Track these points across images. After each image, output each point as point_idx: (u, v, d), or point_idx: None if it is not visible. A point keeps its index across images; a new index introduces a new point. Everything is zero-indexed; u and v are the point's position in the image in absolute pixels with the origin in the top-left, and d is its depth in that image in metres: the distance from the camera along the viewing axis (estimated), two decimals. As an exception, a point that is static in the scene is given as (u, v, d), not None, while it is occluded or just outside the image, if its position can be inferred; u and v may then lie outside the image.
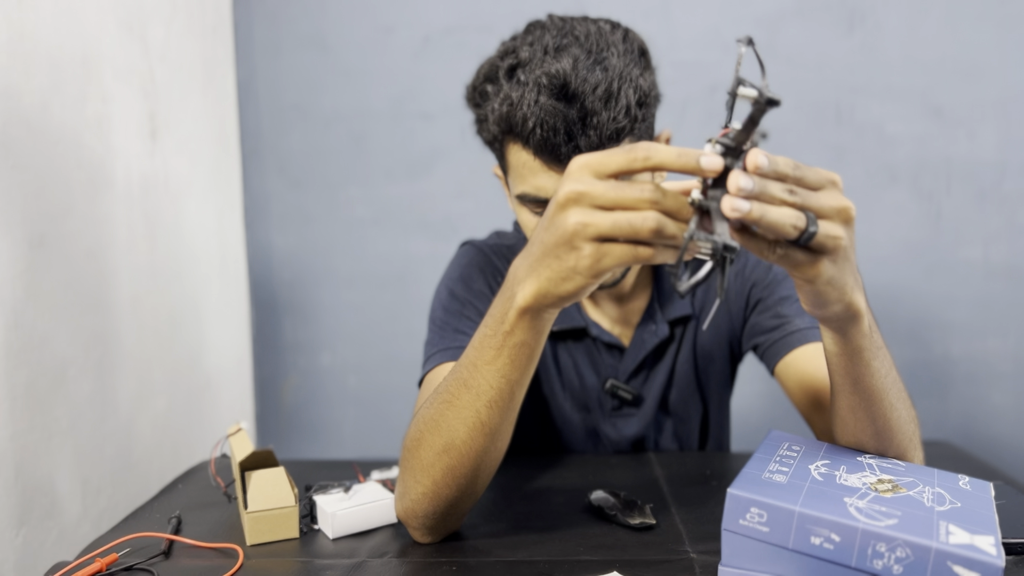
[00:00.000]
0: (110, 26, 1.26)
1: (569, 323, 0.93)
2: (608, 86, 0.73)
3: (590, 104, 0.73)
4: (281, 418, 1.88)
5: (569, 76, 0.73)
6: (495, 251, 0.97)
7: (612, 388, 0.95)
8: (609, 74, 0.74)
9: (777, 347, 0.88)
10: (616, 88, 0.74)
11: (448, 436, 0.65)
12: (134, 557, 0.69)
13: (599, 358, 0.96)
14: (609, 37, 0.77)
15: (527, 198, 0.79)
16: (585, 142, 0.74)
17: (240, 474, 0.75)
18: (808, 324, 0.87)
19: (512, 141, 0.78)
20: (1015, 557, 0.64)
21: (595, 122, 0.73)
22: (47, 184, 1.08)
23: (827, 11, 1.65)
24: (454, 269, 0.97)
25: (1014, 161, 1.63)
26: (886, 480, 0.61)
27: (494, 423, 0.64)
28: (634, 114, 0.75)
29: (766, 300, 0.93)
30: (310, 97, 1.78)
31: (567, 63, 0.73)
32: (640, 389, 0.97)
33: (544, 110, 0.73)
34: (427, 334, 0.92)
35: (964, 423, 1.71)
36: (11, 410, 1.00)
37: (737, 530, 0.57)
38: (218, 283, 1.69)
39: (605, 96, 0.73)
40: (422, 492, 0.68)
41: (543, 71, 0.73)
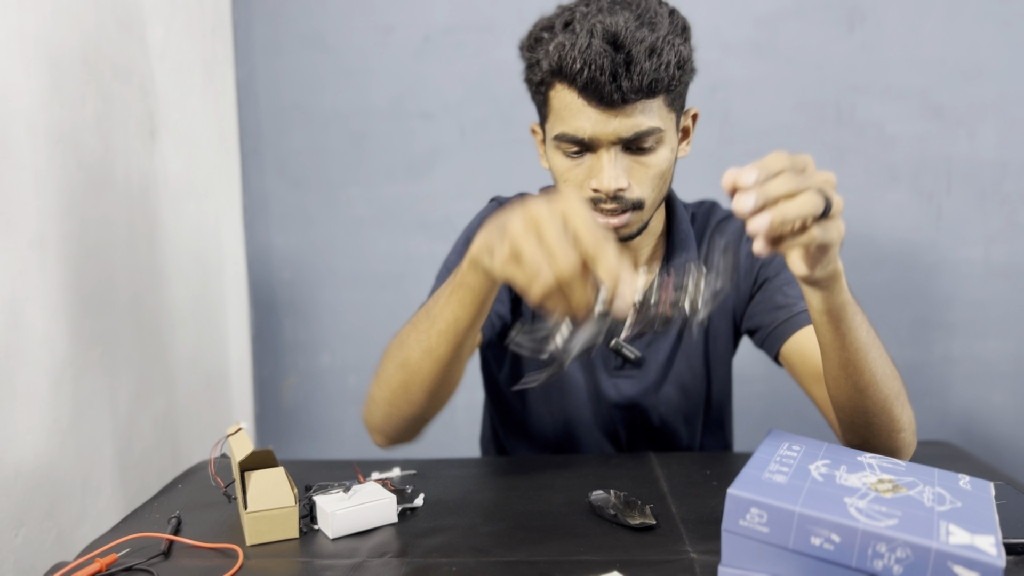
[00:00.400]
0: (110, 26, 1.26)
1: None
2: (653, 42, 0.81)
3: (636, 53, 0.80)
4: (281, 418, 1.88)
5: (620, 28, 0.80)
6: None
7: (616, 346, 0.99)
8: (655, 34, 0.81)
9: (784, 327, 0.93)
10: (660, 47, 0.81)
11: (405, 354, 0.79)
12: (134, 557, 0.69)
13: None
14: (657, 8, 0.85)
15: (564, 137, 0.85)
16: (628, 84, 0.80)
17: (240, 474, 0.75)
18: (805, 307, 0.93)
19: (559, 82, 0.84)
20: (1015, 557, 0.64)
21: (638, 69, 0.80)
22: (47, 184, 1.08)
23: (827, 11, 1.65)
24: (475, 220, 1.05)
25: (1014, 161, 1.63)
26: (886, 480, 0.60)
27: (441, 351, 0.76)
28: (673, 73, 0.82)
29: (772, 280, 0.97)
30: (310, 97, 1.78)
31: (620, 19, 0.81)
32: (644, 351, 1.00)
33: (595, 51, 0.79)
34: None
35: (964, 423, 1.71)
36: (11, 410, 1.00)
37: (737, 530, 0.57)
38: (218, 283, 1.69)
39: (649, 50, 0.80)
40: (380, 399, 0.82)
41: (597, 21, 0.81)
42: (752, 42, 1.68)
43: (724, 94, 1.69)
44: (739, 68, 1.68)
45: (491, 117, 1.74)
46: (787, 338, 0.93)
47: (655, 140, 0.85)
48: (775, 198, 0.58)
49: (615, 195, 0.85)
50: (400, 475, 0.90)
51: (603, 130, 0.83)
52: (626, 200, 0.86)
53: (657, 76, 0.81)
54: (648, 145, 0.85)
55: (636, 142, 0.84)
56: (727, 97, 1.69)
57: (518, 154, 1.75)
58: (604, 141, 0.84)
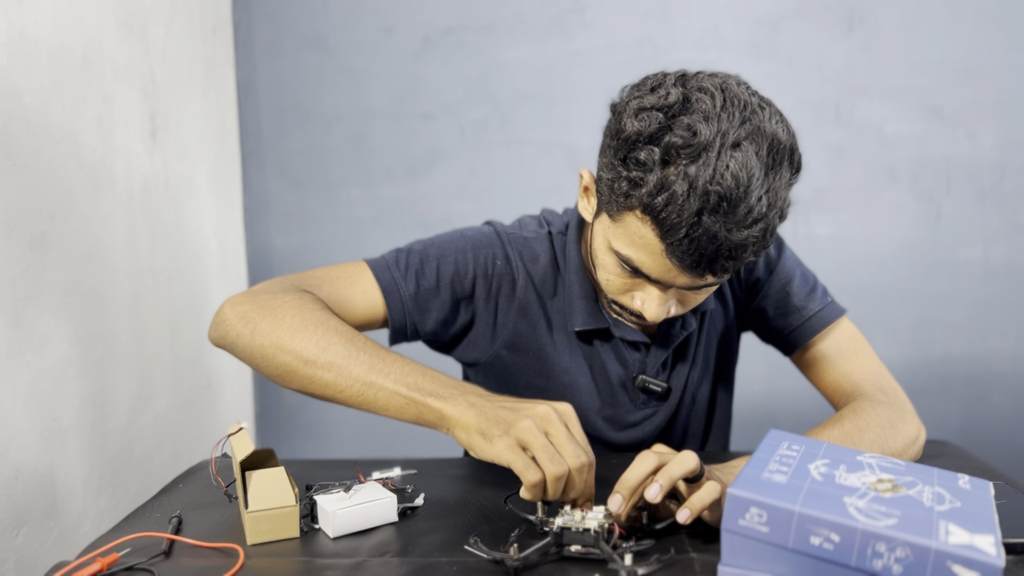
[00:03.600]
0: (110, 26, 1.27)
1: (593, 324, 0.92)
2: (760, 212, 0.71)
3: (737, 218, 0.70)
4: (281, 418, 1.88)
5: (730, 188, 0.69)
6: (510, 239, 0.94)
7: (643, 384, 0.95)
8: (765, 191, 0.71)
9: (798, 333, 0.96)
10: (763, 213, 0.71)
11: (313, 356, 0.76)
12: (135, 557, 0.69)
13: (625, 354, 0.95)
14: (780, 136, 0.74)
15: (628, 261, 0.78)
16: (716, 268, 0.73)
17: (241, 474, 0.75)
18: (817, 306, 0.95)
19: (646, 220, 0.73)
20: (1015, 557, 0.64)
21: (739, 255, 0.72)
22: (47, 184, 1.08)
23: (827, 11, 1.65)
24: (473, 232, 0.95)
25: (1014, 161, 1.63)
26: (886, 480, 0.60)
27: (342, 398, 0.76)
28: (768, 241, 0.74)
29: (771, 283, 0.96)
30: (310, 97, 1.78)
31: (739, 174, 0.69)
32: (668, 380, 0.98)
33: (703, 230, 0.70)
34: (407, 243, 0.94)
35: (964, 423, 1.71)
36: (11, 410, 1.00)
37: (737, 530, 0.57)
38: (218, 283, 1.69)
39: (754, 220, 0.71)
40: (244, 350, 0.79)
41: (716, 181, 0.69)
42: (752, 42, 1.68)
43: (724, 94, 1.69)
44: (739, 68, 1.68)
45: (491, 117, 1.74)
46: (800, 344, 0.96)
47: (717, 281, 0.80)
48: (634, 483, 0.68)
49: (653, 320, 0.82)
50: (401, 475, 0.90)
51: (674, 279, 0.76)
52: (669, 317, 0.85)
53: (754, 250, 0.73)
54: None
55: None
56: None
57: (517, 154, 1.75)
58: (673, 286, 0.78)
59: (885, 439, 0.82)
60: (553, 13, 1.71)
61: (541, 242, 0.94)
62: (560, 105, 1.73)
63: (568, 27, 1.71)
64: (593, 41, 1.71)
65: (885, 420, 0.84)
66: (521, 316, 0.93)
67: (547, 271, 0.93)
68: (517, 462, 0.66)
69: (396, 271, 0.90)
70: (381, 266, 0.90)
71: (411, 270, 0.90)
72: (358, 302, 0.88)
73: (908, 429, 0.85)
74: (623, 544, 0.67)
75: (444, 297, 0.91)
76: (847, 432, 0.82)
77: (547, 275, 0.93)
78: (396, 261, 0.90)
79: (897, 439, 0.83)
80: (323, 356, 0.75)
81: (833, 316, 0.95)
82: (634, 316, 0.84)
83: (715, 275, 0.74)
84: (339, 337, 0.76)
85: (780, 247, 0.98)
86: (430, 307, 0.90)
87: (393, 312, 0.89)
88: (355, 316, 0.88)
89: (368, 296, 0.88)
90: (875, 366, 0.93)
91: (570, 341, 0.95)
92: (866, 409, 0.85)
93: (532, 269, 0.93)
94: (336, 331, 0.77)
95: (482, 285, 0.92)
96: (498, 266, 0.92)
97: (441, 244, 0.93)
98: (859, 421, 0.83)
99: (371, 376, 0.74)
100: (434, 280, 0.90)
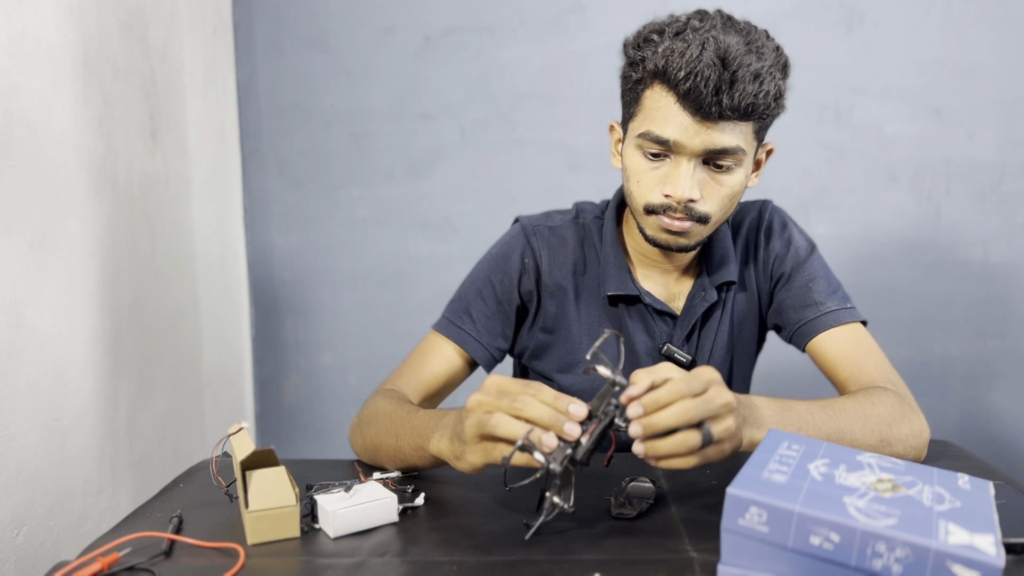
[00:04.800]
0: (111, 27, 1.27)
1: (623, 290, 0.99)
2: (759, 69, 0.83)
3: (741, 74, 0.82)
4: (282, 418, 1.88)
5: (730, 46, 0.82)
6: (536, 231, 1.04)
7: (668, 352, 1.00)
8: (761, 63, 0.84)
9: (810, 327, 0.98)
10: (764, 75, 0.83)
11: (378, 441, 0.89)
12: (135, 557, 0.69)
13: (652, 324, 1.01)
14: (765, 41, 0.87)
15: (649, 135, 0.87)
16: (728, 101, 0.82)
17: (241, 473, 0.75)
18: (837, 306, 0.98)
19: (660, 84, 0.86)
20: (1015, 557, 0.64)
21: (741, 89, 0.82)
22: (47, 184, 1.08)
23: (827, 11, 1.65)
24: (496, 246, 1.06)
25: (1013, 161, 1.63)
26: (885, 479, 0.61)
27: (404, 463, 0.87)
28: (768, 102, 0.84)
29: (793, 278, 1.01)
30: (310, 97, 1.78)
31: (732, 40, 0.83)
32: (693, 353, 1.02)
33: (704, 63, 0.82)
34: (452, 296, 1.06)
35: (964, 423, 1.71)
36: (11, 410, 1.00)
37: (736, 530, 0.57)
38: (218, 283, 1.69)
39: (754, 75, 0.83)
40: (358, 445, 0.94)
41: (711, 36, 0.83)
42: (752, 42, 1.68)
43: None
44: (739, 68, 1.69)
45: (491, 117, 1.74)
46: (812, 337, 0.98)
47: (735, 160, 0.87)
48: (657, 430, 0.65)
49: (685, 205, 0.88)
50: (401, 474, 0.90)
51: (691, 139, 0.85)
52: (694, 212, 0.88)
53: (756, 101, 0.83)
54: (727, 164, 0.87)
55: (716, 158, 0.86)
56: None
57: (518, 154, 1.75)
58: (687, 150, 0.86)
59: (894, 421, 0.84)
60: (553, 13, 1.71)
61: (567, 227, 1.04)
62: (560, 105, 1.73)
63: (568, 27, 1.71)
64: (593, 41, 1.71)
65: (896, 406, 0.86)
66: (549, 297, 1.02)
67: (576, 252, 1.03)
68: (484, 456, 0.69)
69: (457, 320, 1.02)
70: (444, 325, 1.02)
71: (466, 313, 1.02)
72: (439, 368, 1.01)
73: (916, 420, 0.87)
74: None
75: (503, 315, 1.03)
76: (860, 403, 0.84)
77: (576, 256, 1.02)
78: (453, 314, 1.03)
79: (904, 425, 0.84)
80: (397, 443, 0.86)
81: (850, 318, 0.97)
82: (671, 209, 0.89)
83: (729, 116, 0.83)
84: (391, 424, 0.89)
85: (811, 250, 1.02)
86: (496, 329, 1.02)
87: (475, 353, 1.01)
88: (443, 379, 1.01)
89: (447, 357, 1.01)
90: (889, 367, 0.96)
91: (599, 314, 1.02)
92: (880, 393, 0.88)
93: (559, 252, 1.02)
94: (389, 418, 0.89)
95: (523, 287, 1.03)
96: (525, 264, 1.02)
97: (476, 275, 1.04)
98: (873, 398, 0.86)
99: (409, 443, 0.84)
100: (485, 308, 1.02)
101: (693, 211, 0.88)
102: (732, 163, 0.87)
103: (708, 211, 0.89)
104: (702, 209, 0.88)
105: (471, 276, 1.05)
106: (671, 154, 0.87)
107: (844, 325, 0.97)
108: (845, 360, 0.95)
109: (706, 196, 0.88)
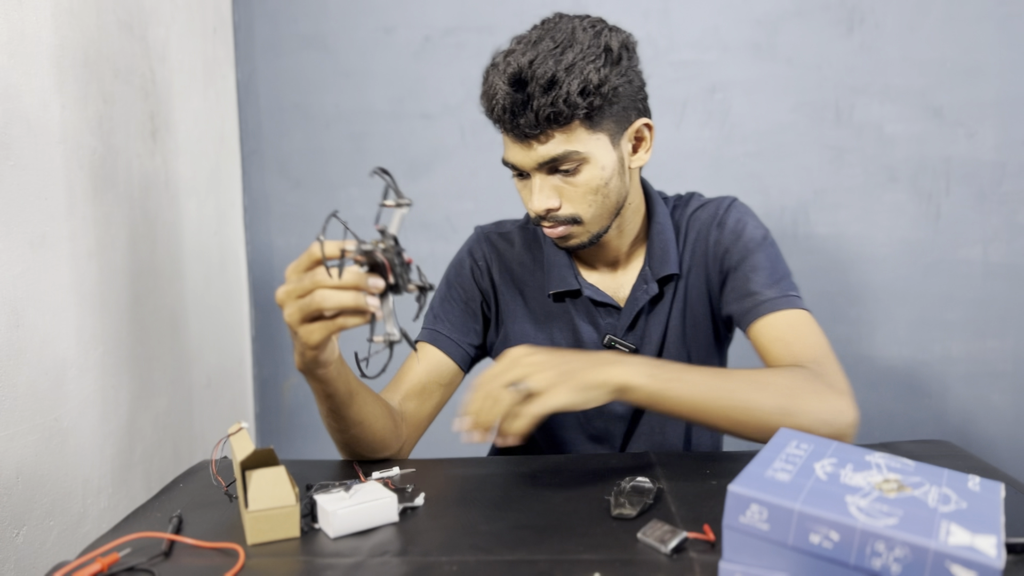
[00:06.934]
0: (111, 27, 1.27)
1: (565, 286, 1.04)
2: (554, 75, 0.85)
3: (532, 90, 0.86)
4: (282, 418, 1.88)
5: (524, 68, 0.86)
6: (487, 237, 1.12)
7: (610, 342, 1.04)
8: (558, 66, 0.86)
9: (749, 315, 0.98)
10: (562, 78, 0.85)
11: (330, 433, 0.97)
12: (135, 557, 0.69)
13: (597, 317, 1.05)
14: (579, 35, 0.88)
15: (506, 164, 0.95)
16: (525, 120, 0.87)
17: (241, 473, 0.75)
18: (776, 294, 0.97)
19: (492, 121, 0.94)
20: (1015, 557, 0.64)
21: (534, 105, 0.86)
22: (47, 184, 1.08)
23: (827, 11, 1.65)
24: (452, 264, 1.12)
25: (1013, 161, 1.63)
26: (892, 480, 0.60)
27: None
28: (574, 101, 0.86)
29: (737, 268, 1.01)
30: (310, 97, 1.78)
31: (528, 57, 0.86)
32: (637, 344, 1.04)
33: (499, 92, 0.88)
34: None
35: (964, 423, 1.71)
36: (11, 410, 1.00)
37: (738, 527, 0.57)
38: (218, 283, 1.69)
39: (547, 85, 0.85)
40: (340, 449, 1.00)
41: (510, 61, 0.88)
42: (752, 43, 1.68)
43: (724, 95, 1.70)
44: (739, 69, 1.69)
45: (491, 117, 1.74)
46: (749, 325, 0.98)
47: (575, 163, 0.90)
48: (472, 412, 0.77)
49: (551, 214, 0.93)
50: (400, 474, 0.90)
51: (523, 159, 0.91)
52: (560, 217, 0.93)
53: (557, 108, 0.86)
54: (569, 168, 0.90)
55: (555, 166, 0.91)
56: (727, 98, 1.69)
57: (518, 154, 1.75)
58: (528, 168, 0.92)
59: (798, 393, 0.82)
60: (553, 13, 1.71)
61: (515, 232, 1.11)
62: (560, 105, 1.73)
63: (568, 27, 1.71)
64: (593, 41, 1.71)
65: (805, 381, 0.83)
66: (502, 297, 1.09)
67: (523, 254, 1.09)
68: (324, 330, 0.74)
69: (429, 325, 1.08)
70: (420, 333, 1.09)
71: (436, 318, 1.08)
72: (417, 369, 1.05)
73: (833, 400, 0.83)
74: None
75: (470, 313, 1.09)
76: (762, 373, 0.84)
77: (523, 258, 1.09)
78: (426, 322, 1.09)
79: (814, 400, 0.82)
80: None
81: (789, 305, 0.96)
82: (542, 220, 0.95)
83: (535, 133, 0.88)
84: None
85: (760, 242, 1.01)
86: (468, 327, 1.08)
87: (448, 350, 1.06)
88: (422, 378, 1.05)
89: (424, 358, 1.05)
90: (822, 352, 0.91)
91: (549, 311, 1.07)
92: (792, 368, 0.86)
93: (507, 255, 1.10)
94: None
95: (481, 286, 1.09)
96: (479, 266, 1.10)
97: (441, 285, 1.12)
98: (780, 370, 0.86)
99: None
100: (453, 308, 1.09)
101: (559, 217, 0.93)
102: (573, 165, 0.90)
103: (573, 212, 0.93)
104: (566, 213, 0.93)
105: (437, 288, 1.12)
106: (528, 174, 0.93)
107: (781, 312, 0.95)
108: (776, 344, 0.94)
109: (566, 199, 0.93)
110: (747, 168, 1.70)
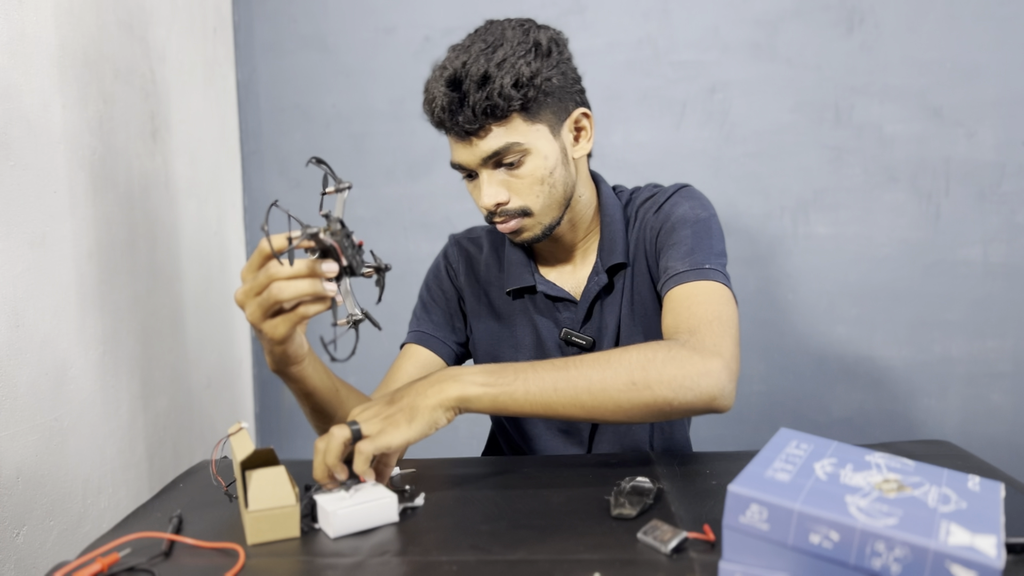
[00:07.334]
0: (111, 27, 1.27)
1: (521, 283, 1.07)
2: (487, 71, 0.89)
3: (466, 88, 0.89)
4: (282, 418, 1.88)
5: (458, 69, 0.90)
6: (457, 242, 1.16)
7: (566, 336, 1.05)
8: (489, 63, 0.89)
9: (662, 292, 0.98)
10: (492, 74, 0.88)
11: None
12: (135, 557, 0.69)
13: (556, 313, 1.07)
14: (508, 34, 0.92)
15: (453, 166, 0.98)
16: (463, 117, 0.90)
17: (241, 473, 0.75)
18: (685, 268, 0.94)
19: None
20: (1015, 557, 0.64)
21: (470, 101, 0.89)
22: (47, 184, 1.08)
23: (827, 11, 1.65)
24: (430, 269, 1.17)
25: (1012, 161, 1.63)
26: (892, 480, 0.61)
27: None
28: (508, 94, 0.89)
29: (663, 248, 1.01)
30: (310, 97, 1.78)
31: (462, 59, 0.90)
32: (595, 336, 1.05)
33: (439, 96, 0.91)
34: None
35: (964, 423, 1.71)
36: (11, 410, 1.00)
37: (738, 527, 0.57)
38: (218, 283, 1.69)
39: (481, 81, 0.89)
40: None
41: (444, 68, 0.92)
42: (751, 43, 1.68)
43: (723, 95, 1.70)
44: (738, 69, 1.69)
45: (491, 117, 1.74)
46: (662, 300, 0.96)
47: (518, 155, 0.92)
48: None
49: (497, 209, 0.95)
50: (401, 474, 0.90)
51: (467, 157, 0.94)
52: (510, 211, 0.96)
53: (492, 101, 0.89)
54: (512, 160, 0.93)
55: (499, 159, 0.93)
56: (727, 98, 1.69)
57: (518, 154, 1.75)
58: (472, 165, 0.94)
59: (650, 364, 0.79)
60: (553, 13, 1.71)
61: (484, 236, 1.15)
62: (560, 105, 1.72)
63: (568, 27, 1.71)
64: (593, 41, 1.71)
65: (659, 351, 0.81)
66: (471, 297, 1.12)
67: (489, 256, 1.12)
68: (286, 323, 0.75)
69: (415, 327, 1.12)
70: (411, 333, 1.12)
71: (420, 319, 1.13)
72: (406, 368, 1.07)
73: (696, 362, 0.80)
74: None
75: (451, 312, 1.13)
76: (610, 353, 0.81)
77: (489, 259, 1.12)
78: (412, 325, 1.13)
79: (669, 366, 0.79)
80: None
81: (697, 278, 0.92)
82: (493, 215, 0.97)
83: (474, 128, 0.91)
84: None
85: (689, 222, 0.98)
86: (451, 325, 1.13)
87: (434, 347, 1.10)
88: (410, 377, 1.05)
89: (411, 357, 1.09)
90: (707, 318, 0.86)
91: (511, 309, 1.09)
92: (650, 344, 0.82)
93: (476, 258, 1.13)
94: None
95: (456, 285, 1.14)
96: (453, 267, 1.14)
97: (422, 290, 1.16)
98: (631, 348, 0.81)
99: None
100: (436, 308, 1.13)
101: (509, 211, 0.95)
102: (516, 158, 0.93)
103: (522, 204, 0.95)
104: (515, 206, 0.95)
105: (418, 295, 1.16)
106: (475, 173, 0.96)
107: (685, 284, 0.92)
108: (667, 316, 0.91)
109: (514, 192, 0.95)
110: (747, 168, 1.70)
